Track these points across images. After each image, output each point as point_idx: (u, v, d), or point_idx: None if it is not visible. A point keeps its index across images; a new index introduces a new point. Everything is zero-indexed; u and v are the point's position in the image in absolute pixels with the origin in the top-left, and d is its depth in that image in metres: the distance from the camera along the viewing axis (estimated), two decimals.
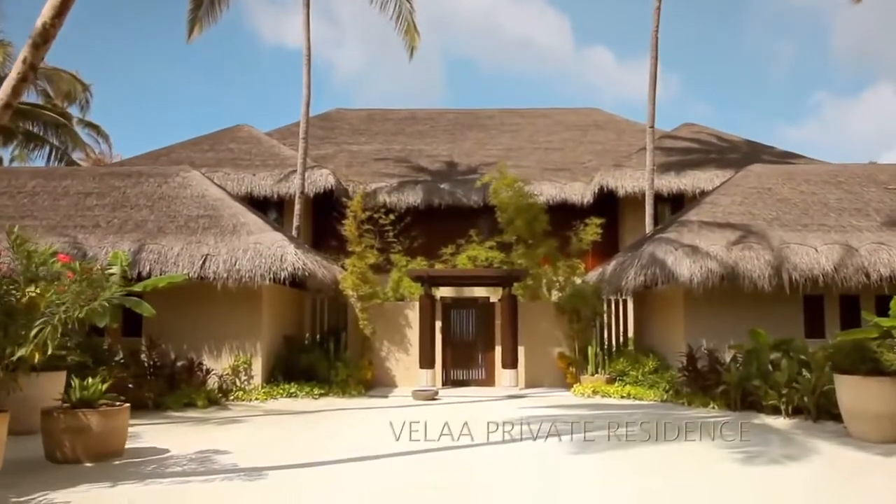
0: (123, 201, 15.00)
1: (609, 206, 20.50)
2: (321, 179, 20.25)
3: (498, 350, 15.84)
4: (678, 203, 20.35)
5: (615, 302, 16.81)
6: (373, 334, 15.89)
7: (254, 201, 19.57)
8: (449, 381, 16.07)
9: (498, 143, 25.14)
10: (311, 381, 14.13)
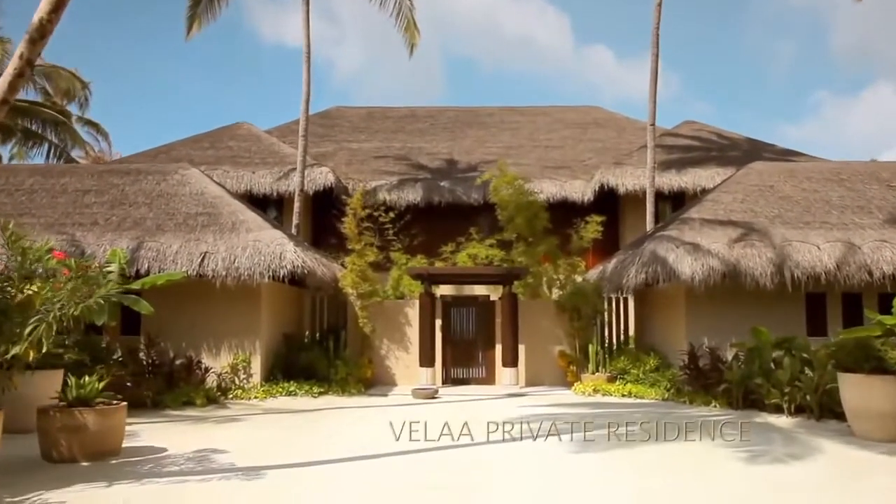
0: (122, 199, 14.94)
1: (609, 204, 20.42)
2: (321, 177, 20.19)
3: (498, 348, 15.77)
4: (679, 201, 20.27)
5: (616, 300, 16.73)
6: (372, 332, 15.83)
7: (253, 199, 19.48)
8: (449, 380, 15.99)
9: (498, 140, 25.06)
10: (311, 379, 14.05)
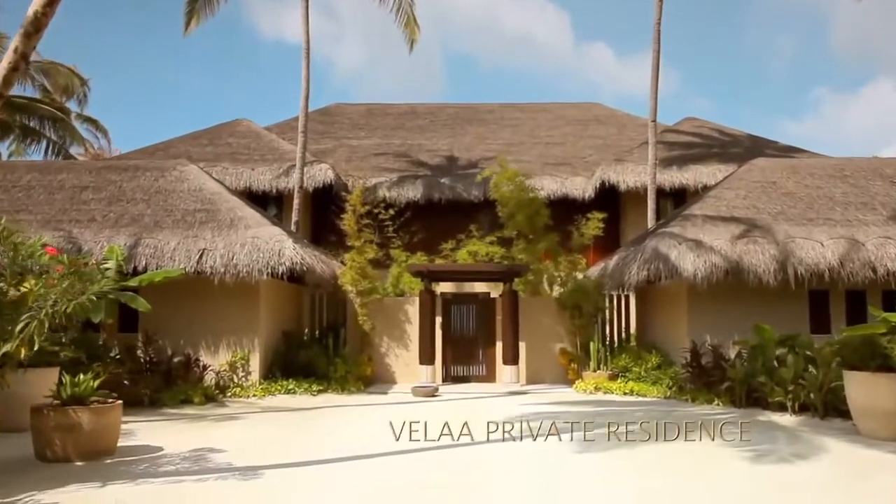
0: (120, 195, 14.83)
1: (610, 201, 20.29)
2: (320, 174, 20.09)
3: (499, 346, 15.65)
4: (680, 198, 20.15)
5: (617, 297, 16.61)
6: (372, 330, 15.72)
7: (253, 196, 19.39)
8: (449, 378, 15.89)
9: (498, 137, 24.92)
10: (310, 377, 13.94)
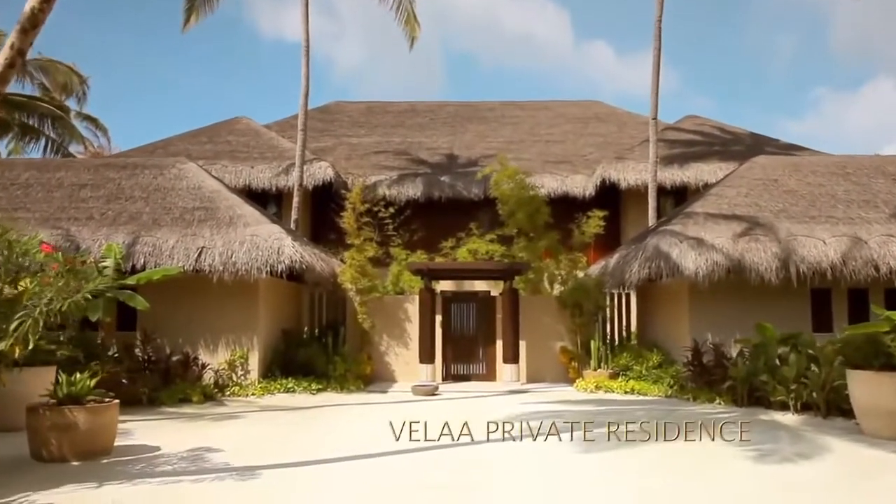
0: (118, 193, 14.76)
1: (611, 199, 20.21)
2: (320, 172, 20.01)
3: (499, 344, 15.58)
4: (681, 196, 20.08)
5: (618, 296, 16.53)
6: (372, 328, 15.65)
7: (252, 194, 19.32)
8: (449, 376, 15.82)
9: (499, 135, 24.84)
10: (309, 375, 13.88)
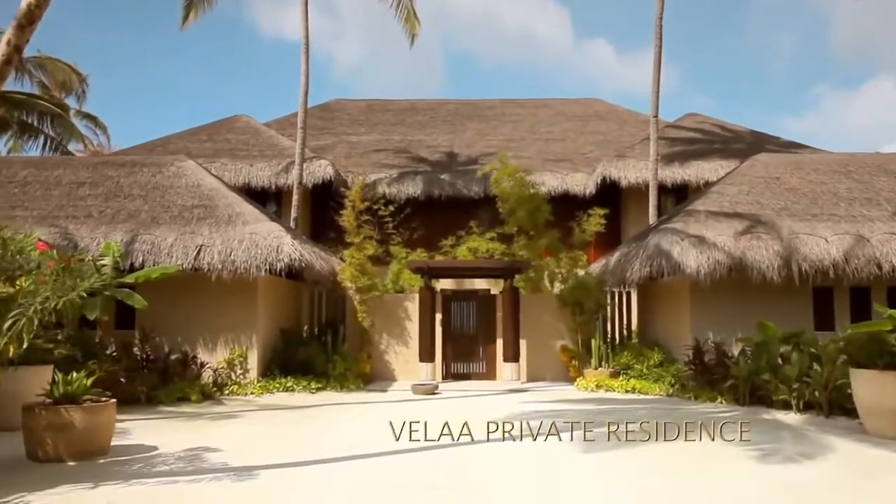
0: (117, 191, 14.70)
1: (611, 197, 20.14)
2: (320, 170, 19.94)
3: (499, 343, 15.51)
4: (682, 194, 20.01)
5: (618, 294, 16.45)
6: (371, 327, 15.58)
7: (252, 192, 19.24)
8: (449, 375, 15.75)
9: (499, 133, 24.77)
10: (309, 374, 13.82)
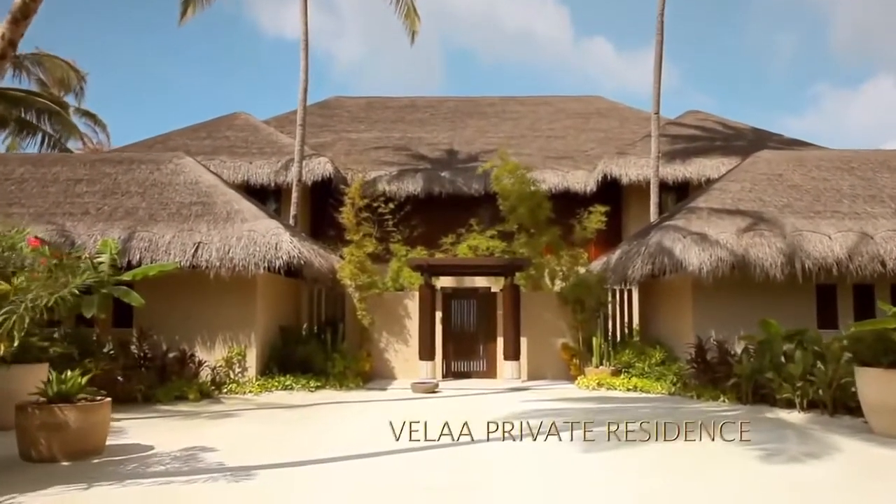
0: (114, 188, 14.59)
1: (612, 195, 20.03)
2: (319, 167, 19.83)
3: (500, 341, 15.40)
4: (683, 191, 19.90)
5: (620, 292, 16.34)
6: (371, 325, 15.48)
7: (251, 190, 19.14)
8: (449, 373, 15.66)
9: (499, 130, 24.65)
10: (308, 373, 13.72)
